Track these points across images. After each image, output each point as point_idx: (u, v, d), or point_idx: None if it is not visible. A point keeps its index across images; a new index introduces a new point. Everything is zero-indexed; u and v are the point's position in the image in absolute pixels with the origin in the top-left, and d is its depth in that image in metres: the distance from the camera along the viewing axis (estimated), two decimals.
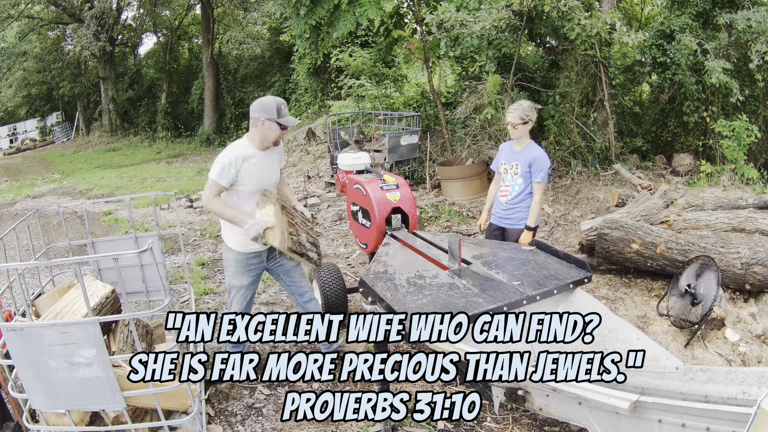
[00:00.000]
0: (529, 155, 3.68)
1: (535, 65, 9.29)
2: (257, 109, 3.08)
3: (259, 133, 3.11)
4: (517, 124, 3.65)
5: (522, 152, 3.72)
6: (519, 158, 3.72)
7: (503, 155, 3.86)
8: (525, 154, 3.70)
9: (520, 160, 3.71)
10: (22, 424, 2.43)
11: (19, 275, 2.56)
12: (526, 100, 3.84)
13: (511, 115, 3.67)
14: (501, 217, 3.86)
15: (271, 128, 3.08)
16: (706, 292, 3.61)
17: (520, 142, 3.75)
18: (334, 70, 12.21)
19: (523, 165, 3.69)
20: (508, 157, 3.81)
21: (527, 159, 3.67)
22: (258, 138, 3.13)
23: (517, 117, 3.64)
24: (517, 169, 3.74)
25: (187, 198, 9.11)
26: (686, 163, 8.16)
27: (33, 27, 22.86)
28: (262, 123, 3.06)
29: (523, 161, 3.69)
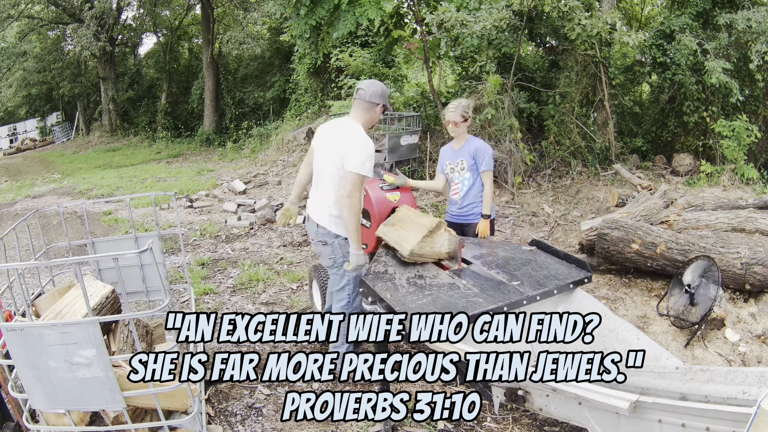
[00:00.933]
0: (470, 148, 3.79)
1: (535, 65, 9.29)
2: (378, 93, 3.01)
3: (372, 119, 3.08)
4: (459, 122, 3.75)
5: (463, 148, 3.83)
6: (461, 155, 3.82)
7: (446, 157, 3.95)
8: (466, 149, 3.81)
9: (464, 156, 3.81)
10: (22, 424, 2.43)
11: (19, 275, 2.56)
12: (464, 99, 4.03)
13: (452, 114, 3.74)
14: (457, 215, 3.92)
15: (380, 113, 3.09)
16: (706, 292, 3.61)
17: (460, 139, 3.86)
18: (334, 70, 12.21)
19: (467, 159, 3.79)
20: (451, 156, 3.90)
21: (470, 152, 3.78)
22: (369, 123, 3.08)
23: (458, 115, 3.74)
24: (463, 165, 3.82)
25: (187, 198, 9.11)
26: (686, 163, 8.16)
27: (33, 27, 22.86)
28: (383, 109, 3.06)
29: (467, 156, 3.79)
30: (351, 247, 2.98)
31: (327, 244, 3.10)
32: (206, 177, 11.88)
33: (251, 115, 19.20)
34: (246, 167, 12.75)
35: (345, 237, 3.04)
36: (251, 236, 6.83)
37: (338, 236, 3.06)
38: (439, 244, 2.90)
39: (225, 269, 5.63)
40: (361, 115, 3.05)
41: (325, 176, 3.07)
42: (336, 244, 3.08)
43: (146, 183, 11.53)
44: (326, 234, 3.08)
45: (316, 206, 3.15)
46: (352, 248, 2.97)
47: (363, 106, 3.03)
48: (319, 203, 3.13)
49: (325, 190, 3.09)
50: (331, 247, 3.10)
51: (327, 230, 3.07)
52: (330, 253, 3.12)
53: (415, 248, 2.79)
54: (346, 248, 3.06)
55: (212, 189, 10.10)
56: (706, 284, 3.65)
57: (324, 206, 3.09)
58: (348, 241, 3.02)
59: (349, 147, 2.90)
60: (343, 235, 3.05)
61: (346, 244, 3.05)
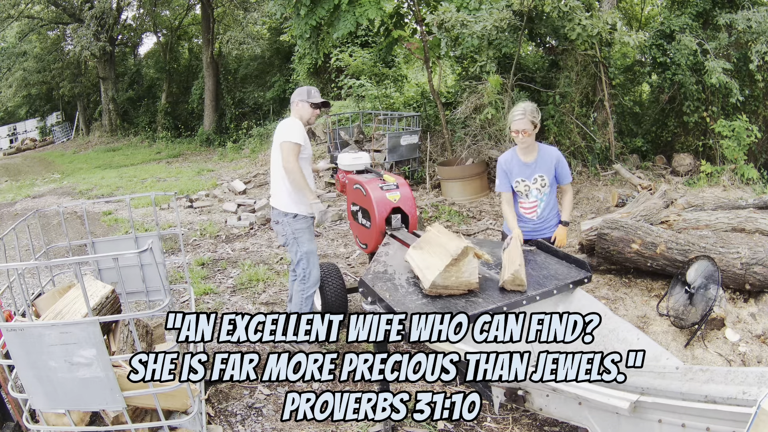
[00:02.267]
0: (549, 161, 3.28)
1: (535, 65, 9.29)
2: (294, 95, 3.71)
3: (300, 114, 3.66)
4: (530, 130, 3.17)
5: (539, 161, 3.29)
6: (540, 169, 3.29)
7: (516, 172, 3.32)
8: (544, 162, 3.28)
9: (543, 171, 3.28)
10: (22, 424, 2.43)
11: (19, 275, 2.56)
12: (527, 102, 3.38)
13: (522, 122, 3.15)
14: (532, 231, 3.42)
15: (304, 108, 3.64)
16: (706, 292, 3.61)
17: (530, 150, 3.29)
18: (334, 70, 12.21)
19: (548, 174, 3.29)
20: (524, 171, 3.31)
21: (550, 165, 3.28)
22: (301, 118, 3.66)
23: (528, 122, 3.15)
24: (544, 181, 3.31)
25: (187, 198, 9.11)
26: (686, 163, 8.16)
27: (33, 27, 22.86)
28: (296, 104, 3.65)
29: (547, 170, 3.28)
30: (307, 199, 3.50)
31: (278, 223, 3.58)
32: (206, 177, 11.88)
33: (251, 115, 19.21)
34: (246, 167, 12.75)
35: (293, 215, 3.51)
36: (251, 236, 6.83)
37: (286, 214, 3.52)
38: (467, 273, 2.39)
39: (225, 269, 5.63)
40: (292, 114, 3.72)
41: (272, 166, 3.67)
42: (285, 221, 3.54)
43: (146, 183, 11.53)
44: (277, 213, 3.58)
45: (272, 192, 3.69)
46: (308, 200, 3.50)
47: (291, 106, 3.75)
48: (272, 189, 3.68)
49: (273, 178, 3.65)
50: (282, 225, 3.56)
51: (277, 210, 3.57)
52: (282, 231, 3.58)
53: (437, 279, 2.34)
54: (294, 225, 3.53)
55: (212, 189, 10.10)
56: (706, 284, 3.65)
57: (274, 190, 3.64)
58: (296, 219, 3.49)
59: (279, 132, 3.53)
60: (291, 213, 3.51)
61: (294, 222, 3.52)
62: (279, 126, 3.61)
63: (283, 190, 3.55)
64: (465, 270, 2.38)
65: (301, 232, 3.56)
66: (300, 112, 3.66)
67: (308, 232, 3.61)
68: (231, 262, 5.86)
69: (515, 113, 3.20)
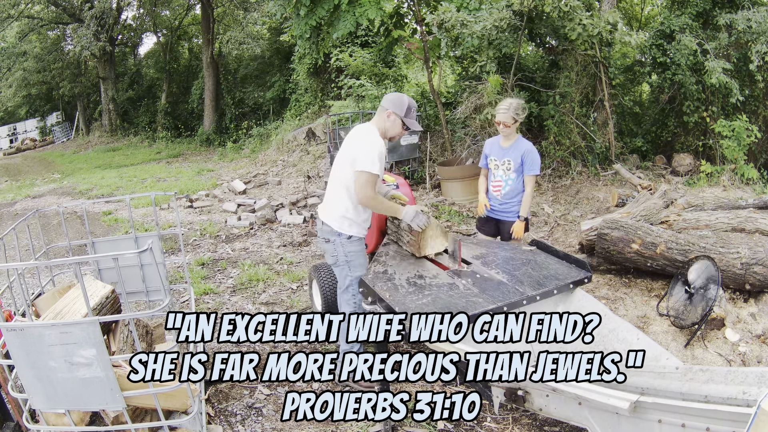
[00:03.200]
0: (520, 149, 3.77)
1: (535, 65, 9.29)
2: (389, 99, 3.12)
3: (385, 125, 3.13)
4: (510, 123, 3.72)
5: (512, 148, 3.81)
6: (510, 154, 3.80)
7: (493, 151, 3.93)
8: (516, 149, 3.79)
9: (512, 156, 3.79)
10: (22, 424, 2.43)
11: (19, 275, 2.56)
12: (515, 99, 3.89)
13: (504, 115, 3.72)
14: (496, 210, 3.96)
15: (395, 124, 3.11)
16: (706, 292, 3.61)
17: (509, 138, 3.83)
18: (334, 70, 12.21)
19: (516, 160, 3.77)
20: (498, 153, 3.88)
21: (520, 153, 3.76)
22: (383, 129, 3.14)
23: (510, 117, 3.71)
24: (509, 165, 3.81)
25: (187, 198, 9.11)
26: (686, 163, 8.16)
27: (33, 27, 22.86)
28: (389, 115, 3.10)
29: (516, 156, 3.77)
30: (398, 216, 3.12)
31: (329, 242, 3.17)
32: (206, 177, 11.88)
33: (251, 115, 19.22)
34: (246, 167, 12.76)
35: (348, 236, 3.11)
36: (251, 236, 6.83)
37: (340, 234, 3.11)
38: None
39: (225, 269, 5.63)
40: (377, 119, 3.17)
41: (334, 177, 3.20)
42: (337, 242, 3.12)
43: (146, 183, 11.53)
44: (329, 231, 3.15)
45: (325, 204, 3.25)
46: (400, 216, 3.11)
47: (378, 109, 3.17)
48: (327, 201, 3.23)
49: (332, 190, 3.20)
50: (333, 245, 3.15)
51: (330, 228, 3.14)
52: (332, 251, 3.17)
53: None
54: (348, 247, 3.13)
55: (212, 189, 10.11)
56: (706, 284, 3.65)
57: (329, 204, 3.19)
58: (350, 240, 3.13)
59: (358, 148, 3.01)
60: (345, 234, 3.10)
61: (349, 243, 3.12)
62: (358, 137, 3.10)
63: (339, 207, 3.12)
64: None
65: (355, 255, 3.16)
66: (387, 125, 3.11)
67: (362, 255, 3.21)
68: (231, 262, 5.86)
69: (501, 106, 3.76)
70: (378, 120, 3.15)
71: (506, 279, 2.65)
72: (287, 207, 7.99)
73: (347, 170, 3.06)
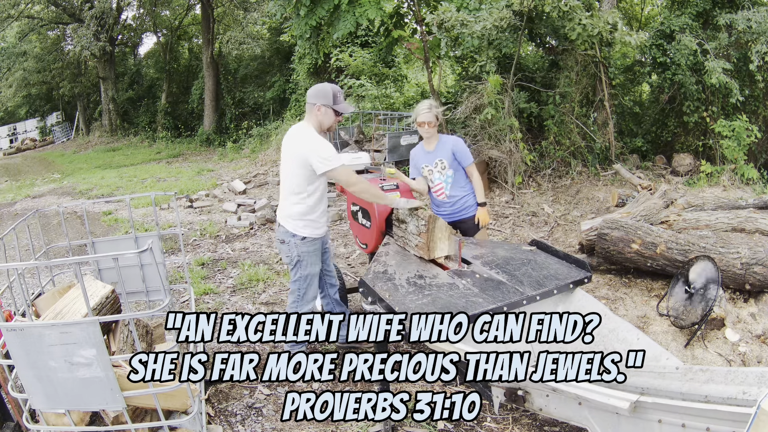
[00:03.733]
0: (447, 147, 3.75)
1: (535, 65, 9.30)
2: (313, 94, 3.15)
3: (318, 120, 3.17)
4: (434, 123, 3.70)
5: (438, 148, 3.78)
6: (439, 154, 3.78)
7: (420, 160, 3.87)
8: (443, 148, 3.76)
9: (442, 155, 3.76)
10: (22, 424, 2.43)
11: (19, 275, 2.56)
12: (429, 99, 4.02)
13: (427, 115, 3.67)
14: (450, 214, 3.87)
15: (327, 114, 3.15)
16: (706, 292, 3.61)
17: (432, 140, 3.81)
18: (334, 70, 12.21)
19: (447, 157, 3.75)
20: (426, 158, 3.84)
21: (448, 151, 3.74)
22: (318, 124, 3.18)
23: (433, 117, 3.68)
24: (443, 164, 3.77)
25: (187, 198, 9.11)
26: (686, 163, 8.17)
27: (33, 27, 22.86)
28: (318, 109, 3.13)
29: (446, 155, 3.75)
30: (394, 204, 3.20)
31: (284, 242, 3.28)
32: (206, 177, 11.88)
33: (251, 115, 19.21)
34: (246, 167, 12.75)
35: (301, 237, 3.22)
36: (251, 236, 6.83)
37: (294, 235, 3.22)
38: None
39: (225, 269, 5.63)
40: (308, 116, 3.21)
41: (283, 180, 3.28)
42: (292, 243, 3.24)
43: (146, 183, 11.53)
44: (284, 232, 3.26)
45: (280, 208, 3.35)
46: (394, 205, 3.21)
47: (306, 107, 3.22)
48: (281, 205, 3.32)
49: (284, 194, 3.28)
50: (288, 246, 3.26)
51: (284, 229, 3.25)
52: (287, 251, 3.28)
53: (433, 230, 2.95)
54: (302, 248, 3.24)
55: (212, 189, 10.10)
56: (706, 284, 3.65)
57: (283, 207, 3.29)
58: (304, 241, 3.23)
59: (309, 151, 3.05)
60: (299, 235, 3.21)
61: (302, 244, 3.23)
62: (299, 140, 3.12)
63: (292, 211, 3.22)
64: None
65: (307, 255, 3.27)
66: (321, 118, 3.14)
67: (315, 254, 3.32)
68: (231, 262, 5.86)
69: (422, 108, 3.70)
70: (310, 117, 3.18)
71: (506, 279, 2.65)
72: None
73: (296, 173, 3.12)
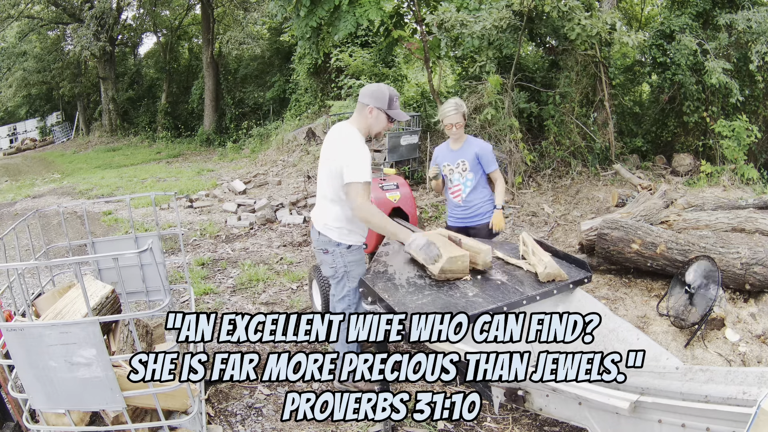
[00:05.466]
0: (472, 149, 3.66)
1: (535, 65, 9.30)
2: (367, 94, 2.85)
3: (367, 122, 2.88)
4: (461, 123, 3.60)
5: (463, 148, 3.70)
6: (462, 155, 3.69)
7: (443, 157, 3.78)
8: (468, 150, 3.68)
9: (466, 156, 3.68)
10: (22, 424, 2.43)
11: (19, 275, 2.56)
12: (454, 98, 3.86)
13: (455, 116, 3.57)
14: (462, 218, 3.77)
15: (379, 119, 2.87)
16: (706, 292, 3.61)
17: (459, 139, 3.72)
18: (334, 70, 12.21)
19: (470, 160, 3.67)
20: (449, 157, 3.75)
21: (473, 153, 3.66)
22: (365, 126, 2.89)
23: (460, 116, 3.58)
24: (465, 166, 3.69)
25: (187, 198, 9.11)
26: (686, 163, 8.17)
27: (33, 27, 22.87)
28: (371, 111, 2.85)
29: (469, 156, 3.67)
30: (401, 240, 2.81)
31: (327, 253, 2.98)
32: (206, 177, 11.88)
33: (251, 115, 19.22)
34: (246, 167, 12.75)
35: (347, 245, 2.94)
36: (251, 236, 6.83)
37: (339, 244, 2.93)
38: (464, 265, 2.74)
39: (225, 269, 5.63)
40: (356, 117, 2.92)
41: (323, 184, 2.99)
42: (336, 252, 2.95)
43: (146, 183, 11.53)
44: (327, 242, 2.96)
45: (317, 213, 3.05)
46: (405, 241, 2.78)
47: (357, 106, 2.93)
48: (320, 210, 3.03)
49: (324, 199, 3.00)
50: (332, 256, 2.97)
51: (327, 238, 2.95)
52: (331, 262, 2.99)
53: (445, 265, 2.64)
54: (347, 257, 2.95)
55: (212, 189, 10.10)
56: (706, 284, 3.65)
57: (323, 213, 2.99)
58: (350, 250, 2.94)
59: (343, 157, 2.76)
60: (344, 244, 2.93)
61: (348, 253, 2.95)
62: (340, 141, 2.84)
63: (335, 217, 2.92)
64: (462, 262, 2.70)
65: (354, 265, 2.97)
66: (371, 121, 2.86)
67: (361, 264, 3.02)
68: (231, 262, 5.86)
69: (448, 109, 3.58)
70: (359, 118, 2.88)
71: (506, 279, 2.65)
72: (287, 207, 7.99)
73: (336, 178, 2.82)
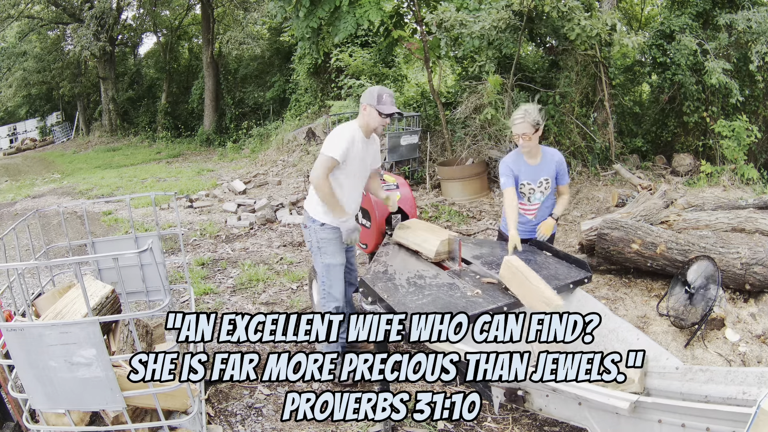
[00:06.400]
0: (552, 164, 3.32)
1: (535, 65, 9.30)
2: (365, 95, 3.19)
3: (365, 120, 3.19)
4: (531, 133, 3.14)
5: (543, 164, 3.31)
6: (544, 172, 3.32)
7: (522, 174, 3.31)
8: (548, 165, 3.32)
9: (548, 173, 3.32)
10: (22, 424, 2.43)
11: (19, 275, 2.56)
12: (528, 104, 3.35)
13: (522, 126, 3.12)
14: (530, 232, 3.44)
15: (371, 115, 3.14)
16: (706, 292, 3.61)
17: (535, 153, 3.27)
18: (334, 70, 12.21)
19: (552, 177, 3.34)
20: (530, 175, 3.31)
21: (554, 168, 3.33)
22: (364, 124, 3.20)
23: (530, 126, 3.11)
24: (548, 184, 3.34)
25: (187, 198, 9.11)
26: (686, 163, 8.17)
27: (33, 27, 22.85)
28: (365, 108, 3.16)
29: (551, 173, 3.32)
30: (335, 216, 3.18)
31: (306, 227, 3.32)
32: (206, 177, 11.88)
33: (251, 115, 19.21)
34: (246, 167, 12.75)
35: (320, 223, 3.21)
36: (251, 236, 6.83)
37: (314, 221, 3.23)
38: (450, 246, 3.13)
39: (225, 269, 5.63)
40: (358, 117, 3.24)
41: None
42: (311, 228, 3.26)
43: (146, 183, 11.53)
44: (306, 218, 3.32)
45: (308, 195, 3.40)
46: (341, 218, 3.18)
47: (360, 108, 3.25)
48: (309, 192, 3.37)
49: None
50: (308, 231, 3.30)
51: (307, 214, 3.31)
52: (307, 236, 3.33)
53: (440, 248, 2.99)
54: (320, 233, 3.23)
55: (212, 189, 10.10)
56: (706, 284, 3.65)
57: (310, 194, 3.35)
58: (323, 228, 3.21)
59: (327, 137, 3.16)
60: (318, 221, 3.21)
61: (321, 230, 3.22)
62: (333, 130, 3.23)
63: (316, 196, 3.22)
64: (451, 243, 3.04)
65: (327, 243, 3.21)
66: (366, 118, 3.15)
67: (335, 243, 3.24)
68: (231, 262, 5.86)
69: (515, 117, 3.18)
70: (359, 117, 3.23)
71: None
72: (287, 207, 7.99)
73: None
